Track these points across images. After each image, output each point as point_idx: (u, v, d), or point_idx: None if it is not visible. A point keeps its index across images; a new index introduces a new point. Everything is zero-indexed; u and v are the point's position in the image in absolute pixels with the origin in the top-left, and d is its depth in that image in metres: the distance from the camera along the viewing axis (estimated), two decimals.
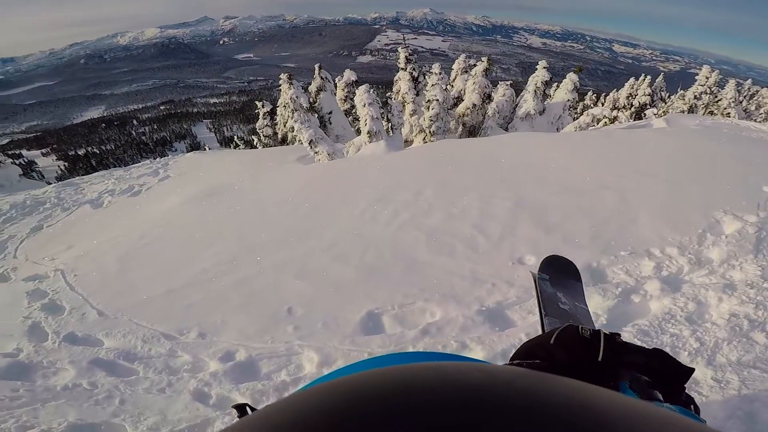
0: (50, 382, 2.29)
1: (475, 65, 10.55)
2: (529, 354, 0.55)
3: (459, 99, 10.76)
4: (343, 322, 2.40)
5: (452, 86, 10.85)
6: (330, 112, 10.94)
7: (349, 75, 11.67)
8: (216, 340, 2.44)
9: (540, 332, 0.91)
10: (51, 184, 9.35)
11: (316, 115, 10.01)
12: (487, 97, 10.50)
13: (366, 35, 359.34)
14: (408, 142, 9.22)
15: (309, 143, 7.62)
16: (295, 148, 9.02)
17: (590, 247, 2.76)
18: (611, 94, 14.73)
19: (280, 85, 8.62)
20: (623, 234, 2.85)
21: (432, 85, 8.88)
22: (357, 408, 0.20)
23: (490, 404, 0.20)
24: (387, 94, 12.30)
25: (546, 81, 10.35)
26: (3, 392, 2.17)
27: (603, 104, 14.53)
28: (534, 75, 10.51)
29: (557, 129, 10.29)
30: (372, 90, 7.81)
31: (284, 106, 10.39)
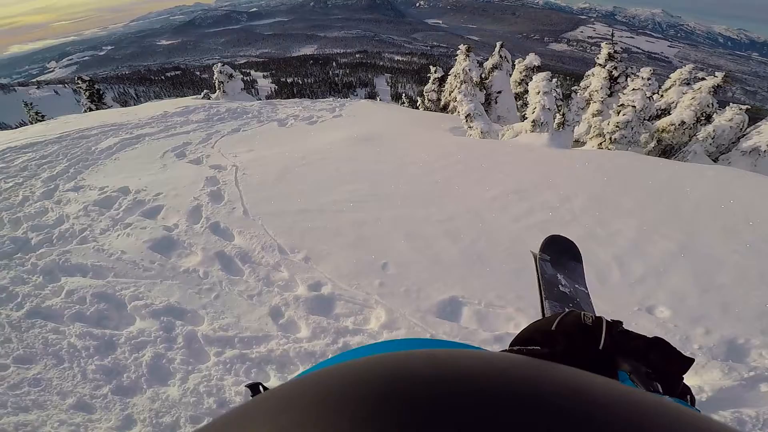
0: (179, 262, 2.87)
1: (703, 79, 8.41)
2: (529, 340, 0.53)
3: (665, 112, 8.86)
4: (425, 297, 2.41)
5: (661, 96, 8.99)
6: (499, 92, 10.38)
7: (531, 59, 10.73)
8: (314, 267, 2.72)
9: (540, 316, 0.85)
10: (259, 100, 11.59)
11: (484, 92, 9.64)
12: (705, 118, 8.33)
13: (566, 23, 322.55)
14: (578, 143, 8.17)
15: (466, 117, 7.45)
16: (451, 118, 8.96)
17: (750, 322, 2.16)
18: None
19: (457, 55, 8.51)
20: None
21: (633, 89, 7.51)
22: (346, 395, 0.20)
23: (481, 391, 0.19)
24: (573, 88, 10.96)
25: None
26: (144, 261, 2.84)
27: None
28: None
29: None
30: (555, 80, 7.05)
31: (455, 76, 10.29)
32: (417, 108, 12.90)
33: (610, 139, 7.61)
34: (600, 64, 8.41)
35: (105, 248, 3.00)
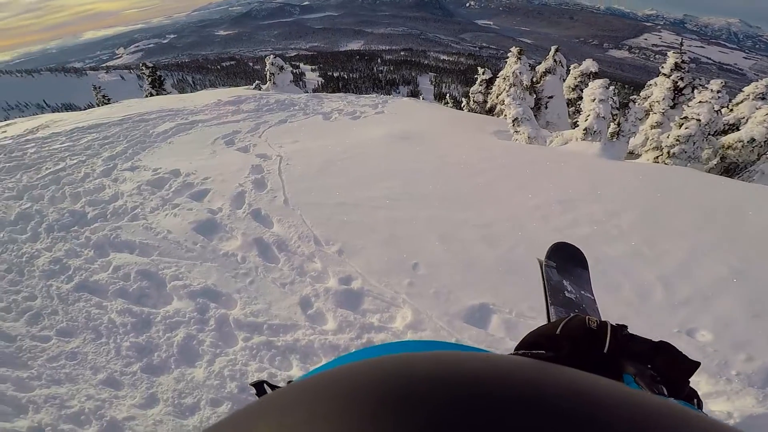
0: (219, 245, 2.96)
1: None
2: (534, 344, 0.53)
3: (733, 127, 8.14)
4: (454, 300, 2.36)
5: (730, 110, 8.27)
6: (550, 97, 9.98)
7: (588, 65, 10.22)
8: (347, 261, 2.73)
9: (546, 321, 0.86)
10: (306, 93, 11.87)
11: (534, 96, 9.28)
12: None
13: (629, 30, 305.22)
14: (632, 155, 7.69)
15: (513, 120, 7.22)
16: (497, 121, 8.72)
17: None
18: None
19: (508, 57, 8.25)
20: None
21: (699, 101, 6.96)
22: (349, 398, 0.20)
23: (487, 393, 0.19)
24: (631, 96, 10.33)
25: None
26: (187, 242, 2.94)
27: None
28: None
29: None
30: (612, 87, 6.66)
31: (503, 78, 9.99)
32: (461, 109, 12.67)
33: (668, 153, 7.10)
34: (665, 74, 7.88)
35: (153, 227, 3.17)
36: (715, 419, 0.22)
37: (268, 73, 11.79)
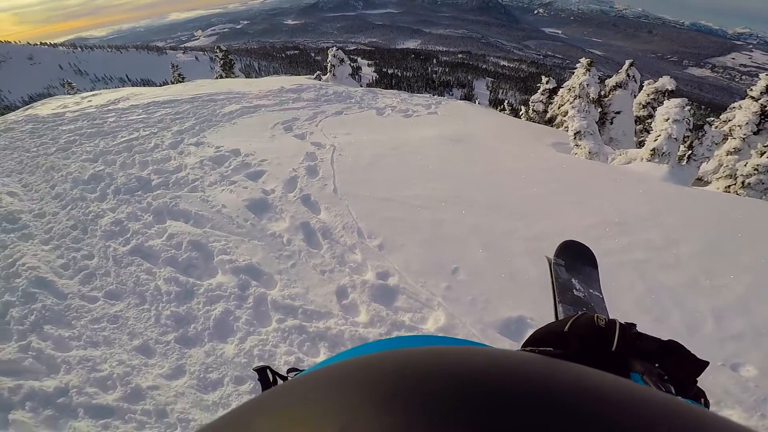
0: (268, 225, 3.06)
1: None
2: (541, 341, 0.52)
3: None
4: (491, 310, 2.31)
5: None
6: (618, 113, 9.38)
7: (665, 82, 9.46)
8: (386, 257, 2.74)
9: (553, 319, 0.84)
10: (361, 87, 12.05)
11: (599, 110, 8.77)
12: None
13: (715, 48, 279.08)
14: (701, 182, 7.06)
15: (575, 133, 6.87)
16: (556, 132, 8.33)
17: None
18: None
19: (574, 67, 7.85)
20: None
21: None
22: (346, 395, 0.20)
23: (489, 388, 0.19)
24: (708, 118, 9.49)
25: None
26: (239, 218, 3.07)
27: None
28: None
29: None
30: (688, 108, 6.13)
31: (569, 89, 9.52)
32: (519, 117, 12.26)
33: (743, 182, 6.45)
34: (752, 97, 7.14)
35: (209, 200, 3.36)
36: (725, 417, 0.21)
37: (329, 64, 12.09)
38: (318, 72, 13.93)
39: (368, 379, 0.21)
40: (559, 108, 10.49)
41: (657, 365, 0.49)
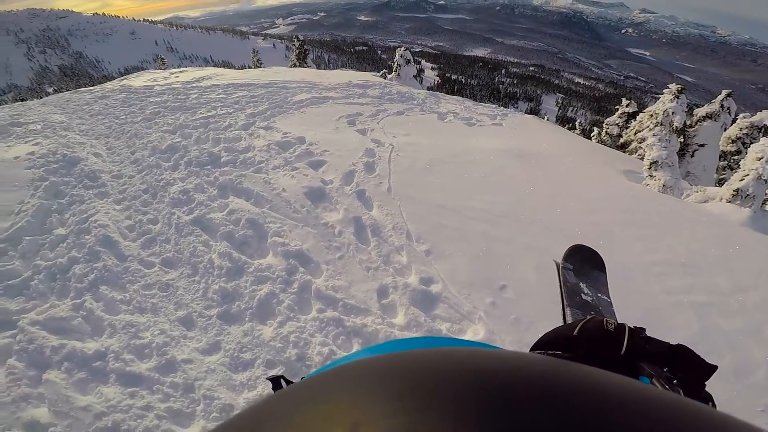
0: (322, 214, 3.12)
1: None
2: (550, 344, 0.53)
3: None
4: (534, 332, 2.22)
5: None
6: (702, 145, 8.53)
7: (763, 117, 8.45)
8: (432, 263, 2.70)
9: (561, 323, 0.86)
10: (424, 90, 12.03)
11: (681, 140, 8.04)
12: None
13: None
14: None
15: (651, 163, 6.35)
16: (629, 159, 7.77)
17: None
18: None
19: (657, 91, 7.23)
20: None
21: None
22: (357, 394, 0.21)
23: (498, 388, 0.19)
24: None
25: None
26: (296, 204, 3.16)
27: None
28: None
29: None
30: None
31: (650, 115, 8.80)
32: (590, 138, 11.58)
33: None
34: None
35: (271, 182, 3.53)
36: (732, 415, 0.20)
37: (395, 63, 12.19)
38: (384, 70, 14.09)
39: (379, 379, 0.22)
40: (635, 134, 9.74)
41: (666, 369, 0.49)
